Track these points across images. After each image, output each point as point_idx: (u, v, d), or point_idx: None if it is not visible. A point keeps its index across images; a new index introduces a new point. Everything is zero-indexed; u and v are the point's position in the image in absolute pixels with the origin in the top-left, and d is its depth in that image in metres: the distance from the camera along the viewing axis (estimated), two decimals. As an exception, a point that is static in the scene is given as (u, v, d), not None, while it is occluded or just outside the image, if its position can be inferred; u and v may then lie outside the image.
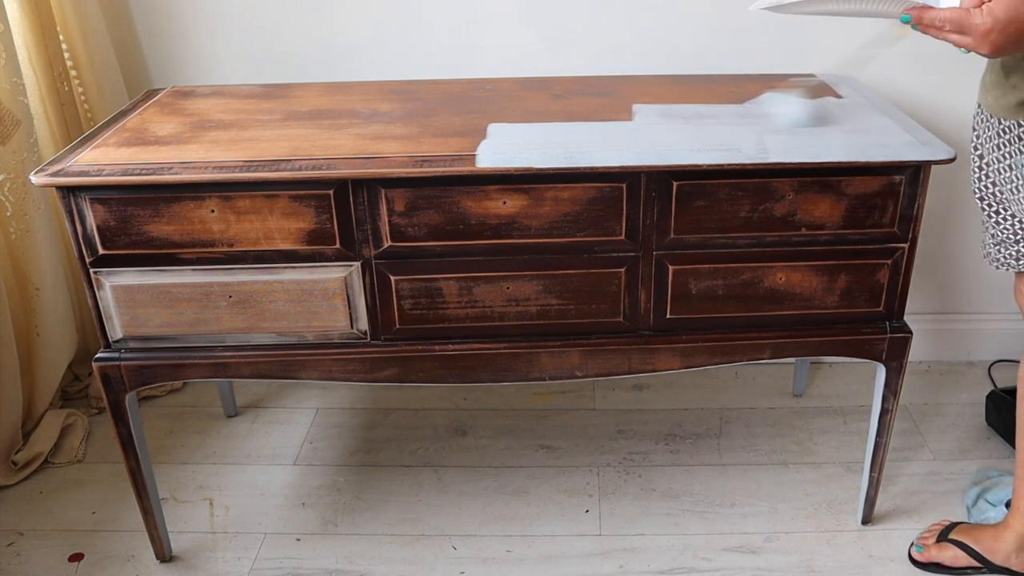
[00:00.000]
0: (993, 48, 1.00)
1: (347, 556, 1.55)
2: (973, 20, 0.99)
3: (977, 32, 0.99)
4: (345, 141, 1.31)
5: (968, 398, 1.95)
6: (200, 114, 1.45)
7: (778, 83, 1.51)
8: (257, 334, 1.35)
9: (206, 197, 1.24)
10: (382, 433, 1.87)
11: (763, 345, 1.38)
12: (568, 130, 1.33)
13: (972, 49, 1.02)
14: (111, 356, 1.35)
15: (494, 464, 1.77)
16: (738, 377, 2.03)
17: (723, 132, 1.31)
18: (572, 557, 1.54)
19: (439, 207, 1.26)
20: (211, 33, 1.81)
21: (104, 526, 1.62)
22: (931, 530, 1.54)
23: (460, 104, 1.48)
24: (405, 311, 1.34)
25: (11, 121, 1.60)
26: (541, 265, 1.31)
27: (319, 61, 1.81)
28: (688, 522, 1.61)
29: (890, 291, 1.36)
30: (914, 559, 1.51)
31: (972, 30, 1.00)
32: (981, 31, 0.99)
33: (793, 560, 1.52)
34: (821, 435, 1.83)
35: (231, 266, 1.29)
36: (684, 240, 1.30)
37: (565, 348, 1.37)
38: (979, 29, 0.99)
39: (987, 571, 1.48)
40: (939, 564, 1.49)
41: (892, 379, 1.42)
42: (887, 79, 1.78)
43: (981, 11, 0.99)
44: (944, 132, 1.78)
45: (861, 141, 1.27)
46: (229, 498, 1.69)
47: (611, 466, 1.75)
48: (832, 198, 1.28)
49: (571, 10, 1.77)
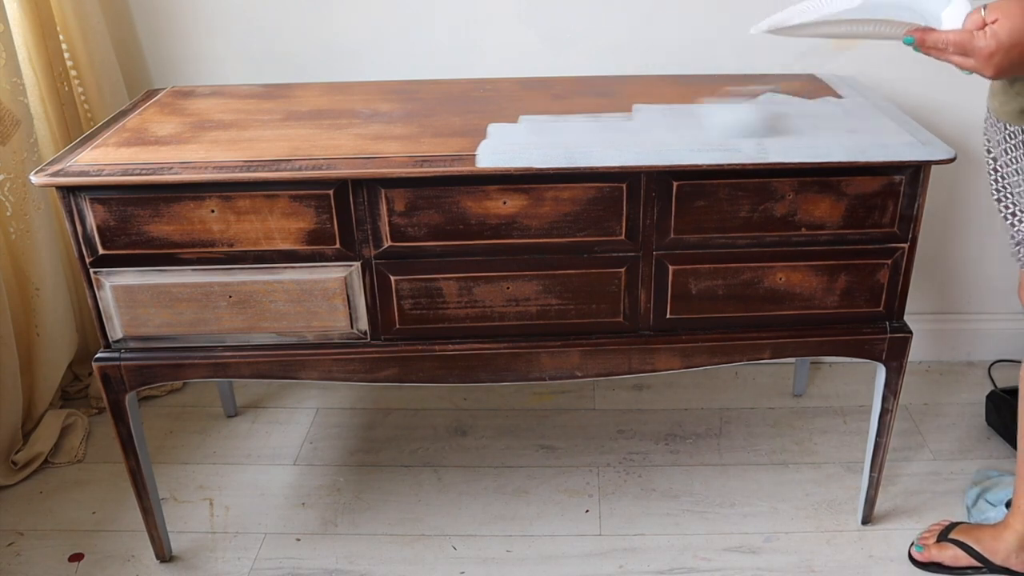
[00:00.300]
0: (997, 70, 0.99)
1: (347, 556, 1.55)
2: (976, 43, 0.98)
3: (981, 55, 0.98)
4: (345, 141, 1.31)
5: (968, 398, 1.95)
6: (200, 114, 1.45)
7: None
8: (257, 334, 1.35)
9: (206, 197, 1.24)
10: (382, 433, 1.87)
11: (763, 345, 1.38)
12: (568, 130, 1.33)
13: (975, 71, 1.01)
14: (111, 356, 1.35)
15: (494, 464, 1.77)
16: (738, 377, 2.03)
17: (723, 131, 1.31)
18: (572, 557, 1.54)
19: (439, 207, 1.26)
20: (211, 33, 1.81)
21: (104, 526, 1.62)
22: (931, 530, 1.54)
23: (460, 104, 1.48)
24: (405, 311, 1.34)
25: (11, 121, 1.60)
26: (541, 265, 1.31)
27: (319, 61, 1.81)
28: (688, 522, 1.61)
29: (890, 291, 1.36)
30: (914, 559, 1.51)
31: (975, 53, 0.98)
32: (985, 54, 0.98)
33: (793, 560, 1.52)
34: (821, 435, 1.83)
35: (231, 266, 1.29)
36: (684, 240, 1.30)
37: (565, 348, 1.37)
38: (983, 52, 0.98)
39: (987, 571, 1.48)
40: (939, 564, 1.49)
41: (892, 379, 1.42)
42: (887, 79, 1.78)
43: (984, 33, 0.97)
44: (944, 132, 1.78)
45: (861, 141, 1.27)
46: (229, 498, 1.69)
47: (611, 466, 1.75)
48: (832, 198, 1.28)
49: (571, 10, 1.77)
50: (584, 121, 1.38)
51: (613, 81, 1.63)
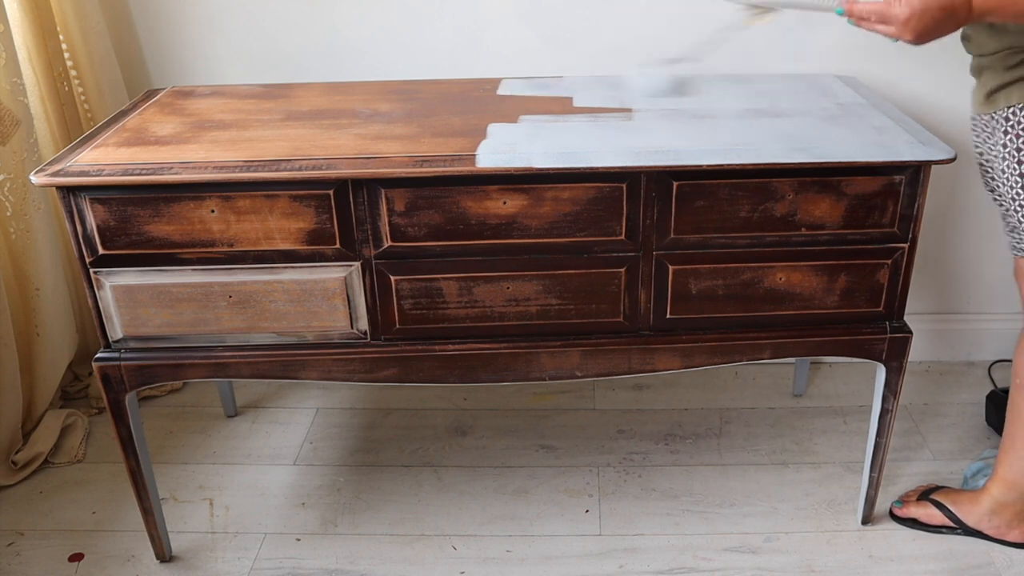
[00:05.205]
0: (915, 35, 1.09)
1: (347, 556, 1.55)
2: (892, 10, 1.08)
3: (897, 21, 1.08)
4: (345, 141, 1.31)
5: (968, 398, 1.95)
6: (200, 114, 1.45)
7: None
8: (257, 334, 1.35)
9: (206, 197, 1.24)
10: (382, 433, 1.87)
11: (763, 345, 1.38)
12: (568, 130, 1.33)
13: (897, 37, 1.10)
14: (111, 356, 1.35)
15: (494, 464, 1.77)
16: (738, 377, 2.03)
17: (723, 132, 1.31)
18: (572, 557, 1.54)
19: (439, 207, 1.26)
20: (211, 33, 1.81)
21: (104, 526, 1.62)
22: (916, 489, 1.62)
23: (460, 104, 1.48)
24: (405, 311, 1.34)
25: (11, 121, 1.60)
26: (541, 265, 1.31)
27: (319, 61, 1.81)
28: (688, 522, 1.61)
29: (890, 291, 1.36)
30: (893, 514, 1.59)
31: (893, 19, 1.09)
32: (901, 20, 1.08)
33: (793, 560, 1.52)
34: (821, 435, 1.83)
35: (231, 266, 1.29)
36: (684, 240, 1.30)
37: (565, 348, 1.37)
38: (899, 18, 1.08)
39: (961, 532, 1.54)
40: (915, 520, 1.57)
41: (892, 379, 1.42)
42: (887, 79, 1.78)
43: (899, 2, 1.07)
44: (944, 132, 1.78)
45: (861, 141, 1.27)
46: (229, 498, 1.69)
47: (611, 466, 1.75)
48: (832, 198, 1.28)
49: (571, 10, 1.77)
50: (584, 121, 1.38)
51: (613, 81, 1.63)
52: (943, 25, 1.08)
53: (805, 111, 1.41)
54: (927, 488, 1.61)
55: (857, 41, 1.70)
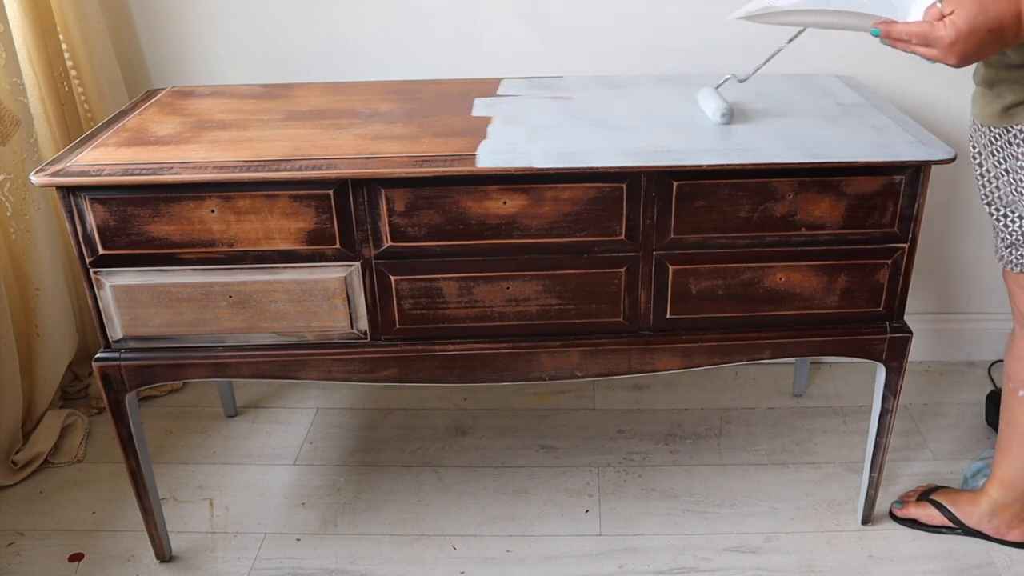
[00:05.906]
0: (959, 58, 1.04)
1: (347, 556, 1.55)
2: (937, 33, 1.03)
3: (942, 44, 1.03)
4: (345, 141, 1.31)
5: (968, 398, 1.95)
6: (200, 114, 1.45)
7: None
8: (257, 334, 1.35)
9: (206, 197, 1.24)
10: (382, 433, 1.87)
11: (763, 345, 1.38)
12: (568, 130, 1.33)
13: (939, 60, 1.05)
14: (111, 356, 1.35)
15: (494, 464, 1.77)
16: (738, 377, 2.03)
17: (723, 132, 1.31)
18: (572, 557, 1.54)
19: (439, 207, 1.26)
20: (211, 33, 1.81)
21: (104, 526, 1.62)
22: (916, 489, 1.62)
23: (460, 104, 1.48)
24: (405, 311, 1.34)
25: (11, 121, 1.60)
26: (541, 265, 1.31)
27: (319, 61, 1.81)
28: (688, 522, 1.61)
29: (890, 291, 1.36)
30: (893, 514, 1.59)
31: (937, 42, 1.03)
32: (945, 43, 1.02)
33: (793, 560, 1.52)
34: (821, 435, 1.83)
35: (231, 266, 1.29)
36: (684, 240, 1.30)
37: (565, 348, 1.37)
38: (943, 41, 1.02)
39: (960, 532, 1.54)
40: (915, 520, 1.57)
41: (892, 379, 1.42)
42: (887, 79, 1.78)
43: (944, 24, 1.02)
44: (944, 132, 1.78)
45: (861, 141, 1.27)
46: (229, 498, 1.69)
47: (611, 466, 1.75)
48: (832, 198, 1.28)
49: (571, 10, 1.77)
50: (584, 121, 1.38)
51: (613, 81, 1.63)
52: (989, 47, 1.03)
53: (805, 111, 1.41)
54: (927, 488, 1.61)
55: (857, 41, 1.70)
